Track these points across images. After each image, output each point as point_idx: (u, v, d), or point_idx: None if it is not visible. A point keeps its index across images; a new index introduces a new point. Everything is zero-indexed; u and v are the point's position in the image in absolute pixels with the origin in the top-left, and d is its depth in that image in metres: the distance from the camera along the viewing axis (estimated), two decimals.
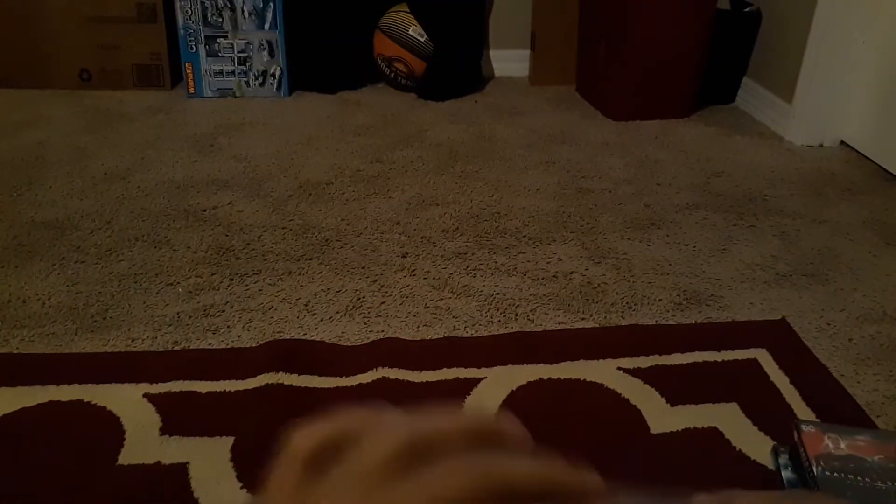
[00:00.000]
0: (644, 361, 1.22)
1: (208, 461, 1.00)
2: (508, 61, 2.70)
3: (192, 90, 2.41)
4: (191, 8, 2.33)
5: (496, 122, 2.29)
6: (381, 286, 1.42)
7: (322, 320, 1.32)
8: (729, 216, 1.73)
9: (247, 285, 1.41)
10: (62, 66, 2.40)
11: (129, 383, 1.14)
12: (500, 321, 1.33)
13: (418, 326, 1.31)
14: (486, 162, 1.99)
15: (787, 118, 2.19)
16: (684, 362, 1.22)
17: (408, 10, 2.41)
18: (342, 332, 1.29)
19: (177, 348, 1.24)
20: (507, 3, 2.65)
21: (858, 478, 0.92)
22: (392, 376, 1.17)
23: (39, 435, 1.04)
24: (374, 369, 1.18)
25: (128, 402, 1.10)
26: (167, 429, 1.06)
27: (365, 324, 1.31)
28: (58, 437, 1.04)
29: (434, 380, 1.17)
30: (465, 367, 1.20)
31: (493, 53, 2.70)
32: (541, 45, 2.59)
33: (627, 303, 1.39)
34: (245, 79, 2.42)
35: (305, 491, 0.24)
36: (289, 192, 1.80)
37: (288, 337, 1.27)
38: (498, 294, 1.41)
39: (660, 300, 1.40)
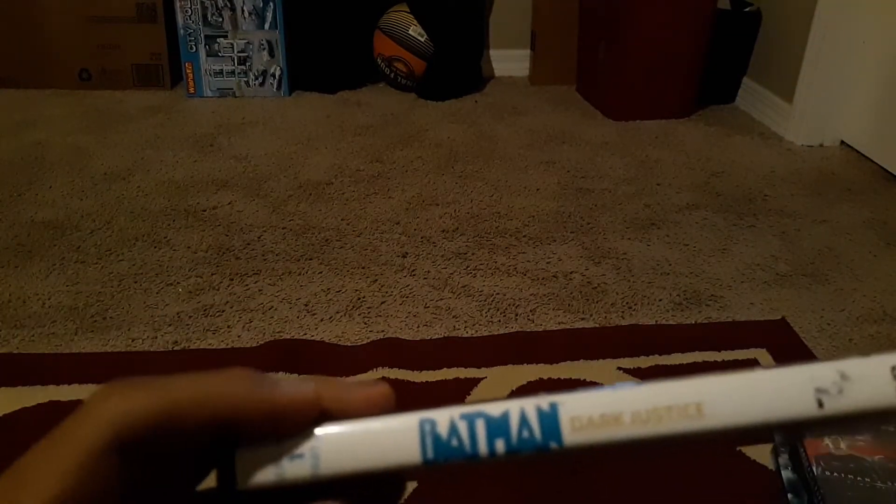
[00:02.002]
0: (644, 361, 1.22)
1: None
2: (508, 61, 2.70)
3: (192, 90, 2.41)
4: (191, 8, 2.33)
5: (496, 122, 2.29)
6: (381, 286, 1.42)
7: (322, 320, 1.32)
8: (729, 216, 1.73)
9: (247, 285, 1.41)
10: (62, 66, 2.40)
11: None
12: (500, 321, 1.33)
13: (418, 326, 1.31)
14: (486, 162, 1.99)
15: (787, 118, 2.19)
16: (684, 362, 1.22)
17: (408, 10, 2.41)
18: (342, 332, 1.29)
19: (177, 348, 1.24)
20: (507, 3, 2.65)
21: (858, 478, 0.92)
22: (392, 376, 1.17)
23: (39, 435, 1.04)
24: (374, 369, 1.18)
25: None
26: None
27: (365, 324, 1.31)
28: None
29: (434, 380, 1.17)
30: (465, 367, 1.20)
31: (493, 53, 2.70)
32: (541, 45, 2.59)
33: (627, 303, 1.39)
34: (245, 78, 2.42)
35: None
36: (289, 192, 1.80)
37: (288, 337, 1.27)
38: (498, 294, 1.41)
39: (660, 300, 1.40)
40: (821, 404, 0.20)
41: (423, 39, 2.39)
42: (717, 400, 0.20)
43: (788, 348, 1.26)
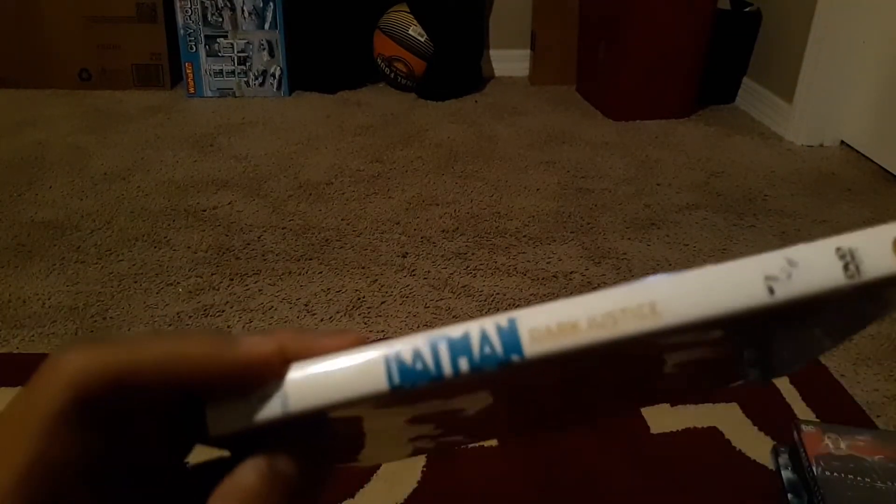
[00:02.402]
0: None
1: None
2: (508, 61, 2.70)
3: (192, 90, 2.41)
4: (191, 8, 2.33)
5: (496, 122, 2.29)
6: (381, 286, 1.42)
7: (322, 320, 1.32)
8: (729, 216, 1.73)
9: (247, 285, 1.41)
10: (62, 66, 2.40)
11: None
12: None
13: (418, 326, 1.31)
14: (486, 162, 1.99)
15: (787, 118, 2.19)
16: None
17: (408, 10, 2.41)
18: None
19: None
20: (507, 3, 2.65)
21: (858, 478, 0.92)
22: None
23: None
24: None
25: None
26: None
27: (365, 324, 1.31)
28: None
29: None
30: None
31: (493, 53, 2.71)
32: (541, 45, 2.59)
33: None
34: (245, 78, 2.42)
35: None
36: (289, 192, 1.80)
37: None
38: (498, 294, 1.41)
39: None
40: (772, 291, 0.20)
41: (423, 39, 2.39)
42: (670, 297, 0.21)
43: None
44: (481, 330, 0.21)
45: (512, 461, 1.02)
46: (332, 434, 0.24)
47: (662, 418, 1.10)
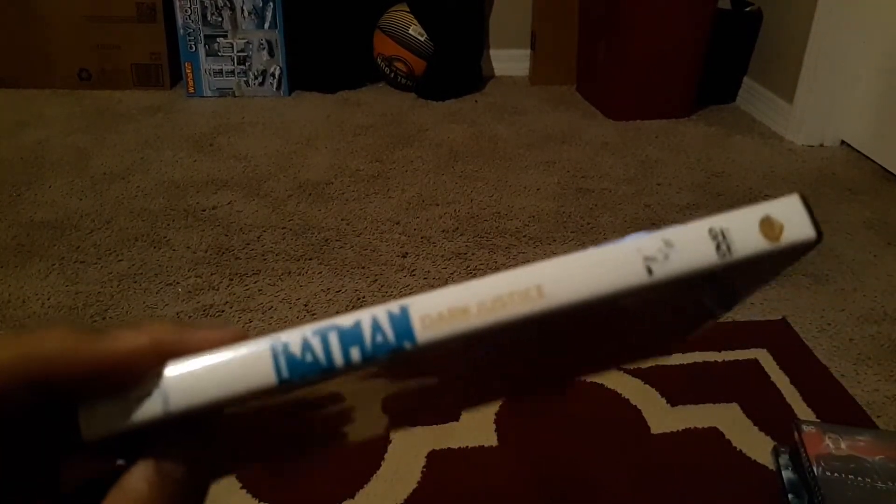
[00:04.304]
0: (644, 361, 1.22)
1: None
2: (508, 61, 2.70)
3: (191, 90, 2.41)
4: (190, 7, 2.33)
5: (496, 122, 2.29)
6: (381, 286, 1.42)
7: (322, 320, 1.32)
8: None
9: (247, 285, 1.41)
10: (62, 66, 2.40)
11: None
12: None
13: None
14: (486, 162, 1.99)
15: (787, 118, 2.19)
16: (684, 362, 1.22)
17: (408, 10, 2.41)
18: None
19: None
20: (507, 3, 2.65)
21: (858, 478, 0.91)
22: None
23: None
24: None
25: None
26: None
27: None
28: None
29: None
30: None
31: (493, 53, 2.70)
32: (541, 45, 2.59)
33: None
34: (245, 78, 2.42)
35: None
36: (289, 192, 1.80)
37: None
38: None
39: None
40: (650, 271, 0.21)
41: (423, 39, 2.39)
42: (555, 280, 0.21)
43: (789, 348, 1.26)
44: (373, 318, 0.21)
45: (512, 461, 1.02)
46: (223, 428, 0.24)
47: (662, 418, 1.10)
